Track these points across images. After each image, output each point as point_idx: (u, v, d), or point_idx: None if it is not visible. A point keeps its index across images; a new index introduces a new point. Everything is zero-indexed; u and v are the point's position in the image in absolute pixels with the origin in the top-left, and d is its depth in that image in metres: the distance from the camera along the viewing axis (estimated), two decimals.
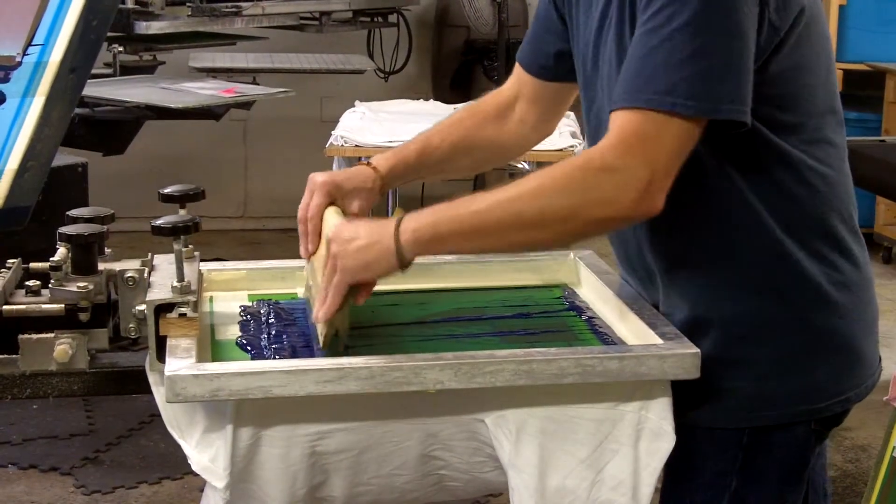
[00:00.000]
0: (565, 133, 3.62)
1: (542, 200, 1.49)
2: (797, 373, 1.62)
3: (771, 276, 1.60)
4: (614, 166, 1.47)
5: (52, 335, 1.61)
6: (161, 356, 1.57)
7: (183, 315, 1.58)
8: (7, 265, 1.70)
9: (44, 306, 1.61)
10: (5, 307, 1.61)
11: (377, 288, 1.89)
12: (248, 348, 1.65)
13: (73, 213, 1.73)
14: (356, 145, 3.49)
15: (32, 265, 1.72)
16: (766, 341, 1.61)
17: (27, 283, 1.65)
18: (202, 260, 1.80)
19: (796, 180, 1.58)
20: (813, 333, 1.62)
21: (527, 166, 3.52)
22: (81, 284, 1.61)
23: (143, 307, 1.60)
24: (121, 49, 4.26)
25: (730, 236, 1.58)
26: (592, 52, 1.66)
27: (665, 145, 1.47)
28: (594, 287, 1.87)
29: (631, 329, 1.69)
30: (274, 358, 1.61)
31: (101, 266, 1.66)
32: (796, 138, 1.57)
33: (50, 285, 1.63)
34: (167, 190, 1.77)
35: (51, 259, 1.64)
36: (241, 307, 1.80)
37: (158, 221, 1.63)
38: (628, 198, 1.47)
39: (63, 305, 1.61)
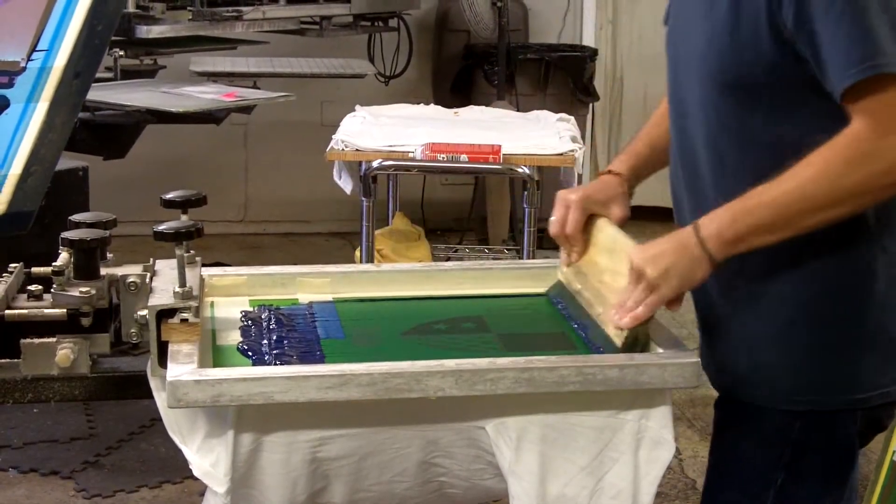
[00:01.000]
0: (566, 137, 3.62)
1: (831, 181, 1.53)
2: (840, 363, 1.63)
3: (837, 264, 1.60)
4: (890, 132, 1.50)
5: (53, 340, 1.61)
6: (163, 361, 1.57)
7: (185, 320, 1.59)
8: (9, 270, 1.71)
9: (46, 311, 1.62)
10: (7, 312, 1.62)
11: (377, 294, 1.90)
12: (250, 354, 1.66)
13: (76, 218, 1.73)
14: (357, 149, 3.49)
15: (34, 270, 1.72)
16: (815, 326, 1.62)
17: (29, 287, 1.66)
18: (202, 264, 1.80)
19: None
20: (862, 325, 1.62)
21: (526, 170, 3.52)
22: (83, 289, 1.62)
23: (144, 312, 1.61)
24: (122, 53, 4.26)
25: None
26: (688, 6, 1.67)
27: None
28: None
29: None
30: (275, 363, 1.61)
31: (103, 271, 1.67)
32: None
33: (52, 290, 1.63)
34: (169, 195, 1.77)
35: (53, 264, 1.64)
36: (242, 312, 1.80)
37: (161, 227, 1.63)
38: None
39: (65, 310, 1.61)
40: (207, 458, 1.55)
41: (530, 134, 3.71)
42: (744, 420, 1.68)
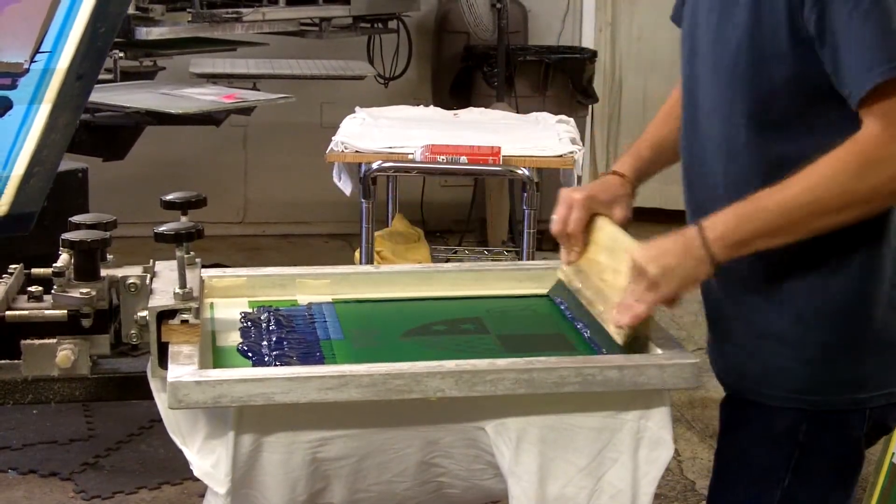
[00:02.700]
0: (565, 139, 3.62)
1: (841, 185, 1.52)
2: (848, 362, 1.64)
3: (847, 262, 1.61)
4: None
5: (54, 341, 1.61)
6: (163, 362, 1.57)
7: (185, 321, 1.59)
8: (9, 271, 1.71)
9: (46, 312, 1.62)
10: (8, 313, 1.62)
11: (376, 295, 1.90)
12: (249, 355, 1.66)
13: (76, 219, 1.74)
14: (356, 151, 3.49)
15: (34, 271, 1.72)
16: (824, 325, 1.63)
17: (29, 288, 1.66)
18: (201, 266, 1.80)
19: None
20: (868, 324, 1.63)
21: (526, 172, 3.52)
22: (84, 290, 1.62)
23: (145, 313, 1.61)
24: (121, 55, 4.26)
25: None
26: (703, 5, 1.67)
27: None
28: None
29: None
30: (275, 364, 1.61)
31: (104, 272, 1.67)
32: None
33: (52, 291, 1.63)
34: (169, 197, 1.78)
35: (54, 265, 1.64)
36: (241, 314, 1.81)
37: (161, 228, 1.64)
38: None
39: (65, 311, 1.61)
40: (208, 459, 1.56)
41: (530, 135, 3.71)
42: (751, 420, 1.68)
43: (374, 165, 3.43)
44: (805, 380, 1.64)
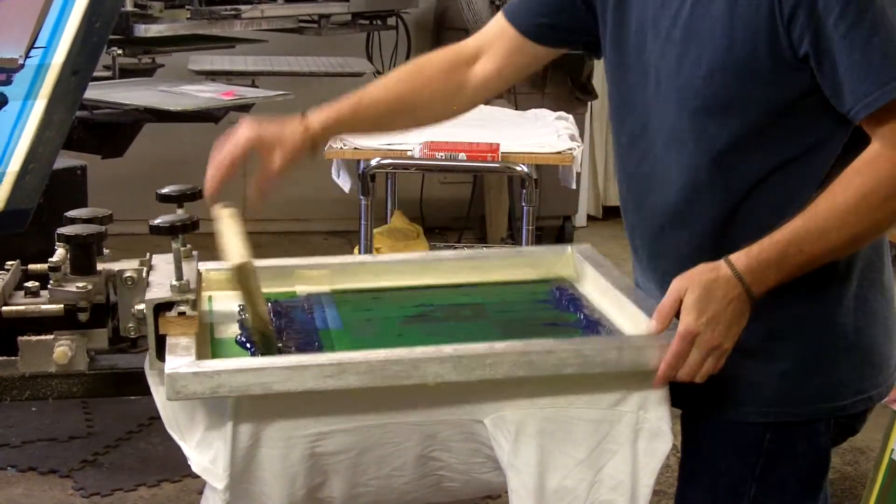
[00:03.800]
0: (564, 136, 3.62)
1: (873, 215, 1.52)
2: (821, 371, 1.63)
3: (814, 270, 1.59)
4: None
5: (51, 336, 1.61)
6: (161, 355, 1.57)
7: (182, 313, 1.59)
8: (6, 267, 1.70)
9: (43, 307, 1.61)
10: (4, 308, 1.61)
11: (375, 285, 1.90)
12: (248, 346, 1.66)
13: (72, 213, 1.73)
14: (355, 148, 3.49)
15: (31, 267, 1.72)
16: (795, 336, 1.62)
17: (26, 284, 1.65)
18: (201, 261, 1.80)
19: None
20: (840, 331, 1.63)
21: (525, 168, 3.52)
22: (80, 285, 1.61)
23: (142, 306, 1.60)
24: (120, 52, 4.26)
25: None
26: (650, 30, 1.65)
27: None
28: (592, 280, 1.87)
29: (630, 320, 1.70)
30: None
31: (100, 266, 1.66)
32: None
33: (49, 286, 1.63)
34: (165, 190, 1.77)
35: (49, 260, 1.64)
36: (239, 306, 1.80)
37: (156, 220, 1.63)
38: None
39: (62, 306, 1.61)
40: (206, 455, 1.55)
41: (529, 132, 3.71)
42: (715, 432, 1.68)
43: (373, 162, 3.43)
44: (774, 394, 1.63)
